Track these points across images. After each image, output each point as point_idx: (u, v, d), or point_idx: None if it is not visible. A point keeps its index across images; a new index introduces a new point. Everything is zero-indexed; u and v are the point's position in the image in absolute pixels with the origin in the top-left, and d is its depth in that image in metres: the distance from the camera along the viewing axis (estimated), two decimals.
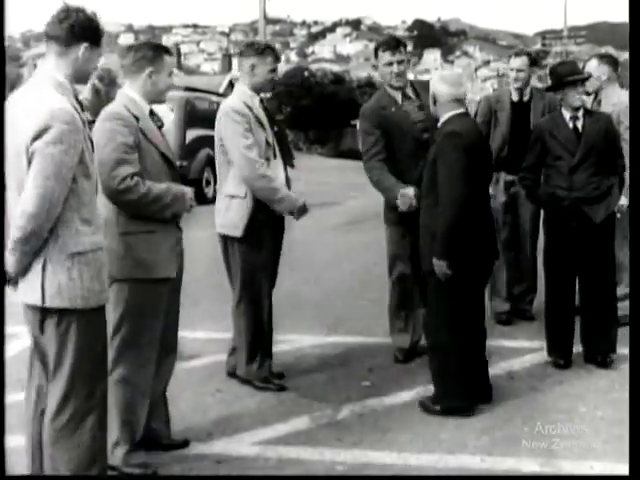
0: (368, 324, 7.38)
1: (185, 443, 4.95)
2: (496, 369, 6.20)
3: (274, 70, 5.83)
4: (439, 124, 5.51)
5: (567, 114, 6.28)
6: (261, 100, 5.85)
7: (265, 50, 5.78)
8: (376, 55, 6.36)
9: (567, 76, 6.25)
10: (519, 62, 7.23)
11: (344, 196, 18.94)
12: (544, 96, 7.25)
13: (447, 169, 5.27)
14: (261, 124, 5.73)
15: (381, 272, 6.87)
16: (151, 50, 4.61)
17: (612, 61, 7.47)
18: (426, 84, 6.22)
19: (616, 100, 7.03)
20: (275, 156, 5.82)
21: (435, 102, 5.50)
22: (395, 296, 6.52)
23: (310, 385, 5.99)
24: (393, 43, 6.28)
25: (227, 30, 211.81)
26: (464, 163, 5.24)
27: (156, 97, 4.66)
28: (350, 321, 7.57)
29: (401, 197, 6.05)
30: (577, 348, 6.42)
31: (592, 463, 4.73)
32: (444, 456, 4.81)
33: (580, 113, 6.27)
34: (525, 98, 7.27)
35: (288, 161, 5.98)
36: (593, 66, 7.25)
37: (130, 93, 4.60)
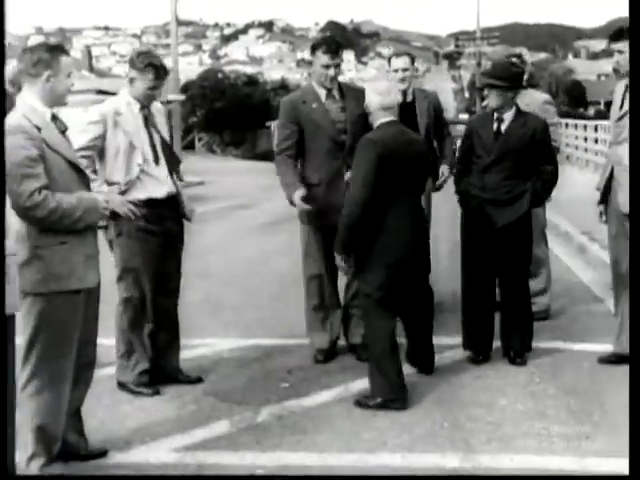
0: (287, 326, 7.36)
1: (103, 453, 4.85)
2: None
3: (154, 88, 5.69)
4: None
5: (495, 114, 6.33)
6: (143, 106, 5.71)
7: (147, 67, 5.62)
8: (313, 52, 6.31)
9: (487, 78, 6.32)
10: (401, 62, 7.12)
11: (260, 198, 18.91)
12: (428, 95, 7.25)
13: (356, 173, 5.55)
14: (130, 129, 5.62)
15: (299, 274, 6.85)
16: (47, 52, 4.43)
17: (521, 62, 7.57)
18: (354, 87, 6.48)
19: (528, 100, 7.10)
20: (157, 162, 5.73)
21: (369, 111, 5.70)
22: (310, 296, 6.52)
23: (229, 389, 5.93)
24: (334, 47, 6.24)
25: (139, 32, 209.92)
26: (373, 169, 5.42)
27: (57, 101, 4.51)
28: (269, 323, 7.54)
29: (295, 199, 6.11)
30: (497, 343, 6.50)
31: (512, 456, 4.77)
32: (364, 455, 4.80)
33: (509, 114, 6.28)
34: (409, 99, 7.14)
35: (173, 167, 5.89)
36: None
37: (29, 99, 4.42)
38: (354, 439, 5.02)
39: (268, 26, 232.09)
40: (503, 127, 6.29)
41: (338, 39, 6.52)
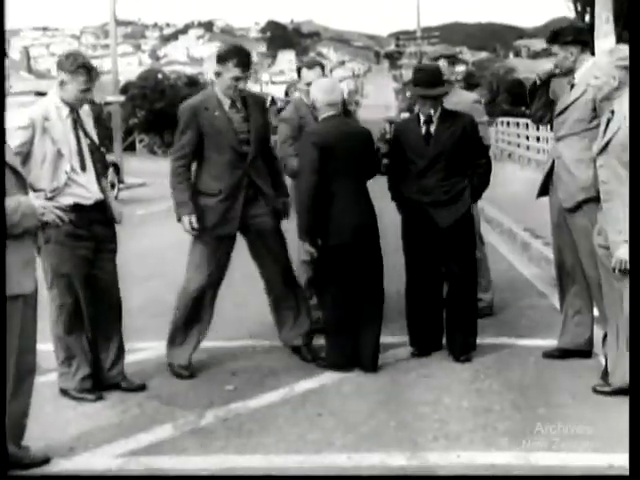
0: (230, 328, 7.28)
1: (46, 460, 4.74)
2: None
3: (86, 90, 5.58)
4: None
5: (422, 117, 6.32)
6: (72, 110, 5.59)
7: (78, 70, 5.51)
8: (222, 62, 6.09)
9: (419, 88, 6.31)
10: (314, 75, 6.97)
11: None
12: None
13: (302, 163, 6.15)
14: (59, 136, 5.50)
15: (242, 275, 6.80)
16: None
17: (453, 62, 7.64)
18: (256, 96, 6.45)
19: (457, 99, 7.11)
20: (84, 169, 5.61)
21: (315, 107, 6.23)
22: (184, 309, 6.30)
23: (173, 392, 5.86)
24: (246, 60, 6.12)
25: (78, 33, 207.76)
26: (316, 158, 5.98)
27: None
28: (212, 325, 7.43)
29: (184, 224, 6.09)
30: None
31: (459, 453, 4.78)
32: (310, 456, 4.77)
33: (436, 116, 6.28)
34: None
35: (102, 172, 5.80)
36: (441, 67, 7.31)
37: None
38: (300, 440, 4.98)
39: (208, 26, 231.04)
40: (432, 129, 6.28)
41: (248, 50, 6.33)
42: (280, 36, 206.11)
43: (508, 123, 30.98)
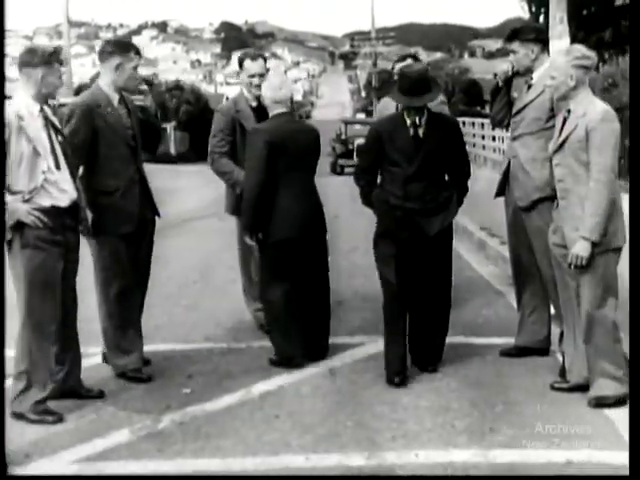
0: (186, 330, 7.23)
1: (2, 467, 4.66)
2: (317, 366, 6.23)
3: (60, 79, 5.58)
4: None
5: (408, 119, 5.92)
6: (40, 109, 5.51)
7: (52, 60, 5.48)
8: (124, 52, 6.07)
9: (403, 95, 5.94)
10: (257, 67, 6.96)
11: (157, 201, 18.60)
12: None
13: (249, 159, 6.31)
14: (33, 134, 5.40)
15: (197, 278, 6.76)
16: None
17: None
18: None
19: None
20: (59, 167, 5.51)
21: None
22: (112, 316, 6.12)
23: (129, 397, 5.79)
24: (138, 48, 6.22)
25: (31, 33, 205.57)
26: (263, 154, 6.16)
27: None
28: (167, 328, 7.39)
29: None
30: None
31: (417, 452, 4.77)
32: (267, 458, 4.75)
33: (423, 119, 5.91)
34: (262, 102, 6.84)
35: (75, 171, 5.74)
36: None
37: None
38: (257, 442, 4.96)
39: (162, 27, 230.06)
40: (420, 132, 5.89)
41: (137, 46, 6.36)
42: (234, 37, 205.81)
43: (464, 123, 31.10)
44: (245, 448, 4.88)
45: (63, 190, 5.48)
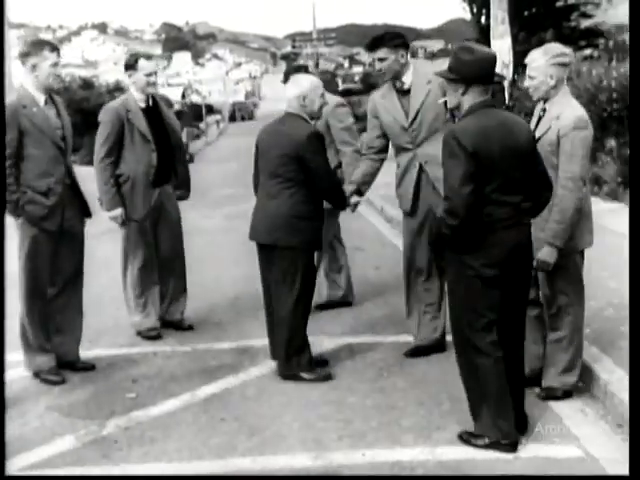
0: (130, 334, 7.15)
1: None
2: (262, 367, 6.23)
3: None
4: None
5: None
6: None
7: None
8: (36, 51, 6.01)
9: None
10: (152, 66, 7.00)
11: (96, 204, 18.42)
12: (166, 101, 7.25)
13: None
14: None
15: None
16: None
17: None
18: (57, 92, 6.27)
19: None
20: None
21: None
22: (30, 312, 6.08)
23: (73, 403, 5.73)
24: (55, 45, 6.13)
25: None
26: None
27: None
28: (111, 333, 7.31)
29: None
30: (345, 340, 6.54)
31: (364, 451, 4.79)
32: (214, 461, 4.73)
33: None
34: (151, 103, 7.05)
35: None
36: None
37: None
38: (203, 446, 4.93)
39: (102, 28, 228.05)
40: None
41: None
42: (175, 38, 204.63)
43: None
44: (191, 452, 4.85)
45: None
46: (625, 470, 4.30)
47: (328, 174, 5.99)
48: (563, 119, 5.12)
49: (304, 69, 7.46)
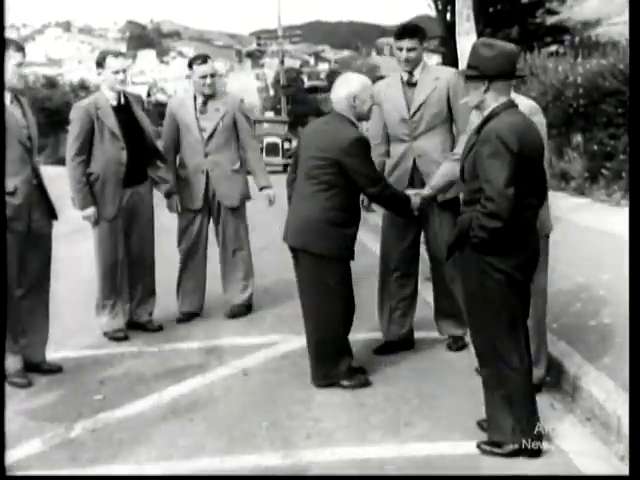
0: (97, 336, 7.10)
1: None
2: (229, 367, 6.21)
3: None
4: None
5: None
6: None
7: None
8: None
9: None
10: (120, 64, 6.93)
11: (64, 205, 18.30)
12: (138, 99, 7.24)
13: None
14: None
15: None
16: None
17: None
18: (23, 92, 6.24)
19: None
20: None
21: None
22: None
23: (39, 405, 5.67)
24: (20, 45, 6.11)
25: None
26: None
27: None
28: (78, 334, 7.25)
29: None
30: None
31: (333, 449, 4.78)
32: (182, 462, 4.70)
33: None
34: (122, 101, 7.01)
35: None
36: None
37: None
38: (171, 447, 4.90)
39: (66, 26, 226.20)
40: None
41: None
42: (139, 36, 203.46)
43: None
44: (159, 453, 4.81)
45: None
46: (591, 463, 4.34)
47: (372, 180, 5.61)
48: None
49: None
